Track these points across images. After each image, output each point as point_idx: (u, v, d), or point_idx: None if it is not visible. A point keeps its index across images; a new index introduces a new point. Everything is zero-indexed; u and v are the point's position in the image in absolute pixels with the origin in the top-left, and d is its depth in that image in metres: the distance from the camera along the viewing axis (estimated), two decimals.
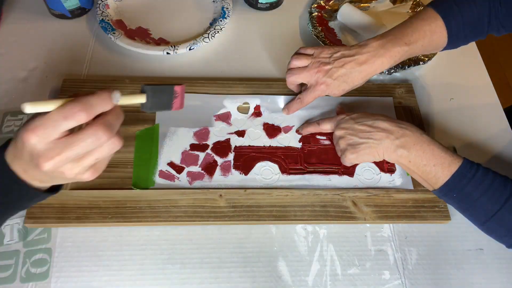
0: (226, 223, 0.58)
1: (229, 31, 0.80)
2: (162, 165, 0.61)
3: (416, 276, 0.56)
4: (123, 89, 0.68)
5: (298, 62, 0.63)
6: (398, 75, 0.76)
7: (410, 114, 0.69)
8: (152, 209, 0.57)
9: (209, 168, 0.62)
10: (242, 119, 0.67)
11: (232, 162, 0.63)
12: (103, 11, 0.78)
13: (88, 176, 0.40)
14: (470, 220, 0.55)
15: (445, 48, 0.64)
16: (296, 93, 0.68)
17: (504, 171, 0.66)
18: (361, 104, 0.70)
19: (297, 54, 0.65)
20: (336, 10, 0.82)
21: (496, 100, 0.74)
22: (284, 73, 0.75)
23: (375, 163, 0.64)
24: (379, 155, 0.56)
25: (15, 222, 0.57)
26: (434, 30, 0.61)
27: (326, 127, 0.62)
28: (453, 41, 0.63)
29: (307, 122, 0.66)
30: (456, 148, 0.68)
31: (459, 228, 0.60)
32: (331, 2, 0.84)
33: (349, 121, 0.59)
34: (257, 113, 0.67)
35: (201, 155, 0.63)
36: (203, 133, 0.65)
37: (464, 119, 0.71)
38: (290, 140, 0.65)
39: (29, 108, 0.35)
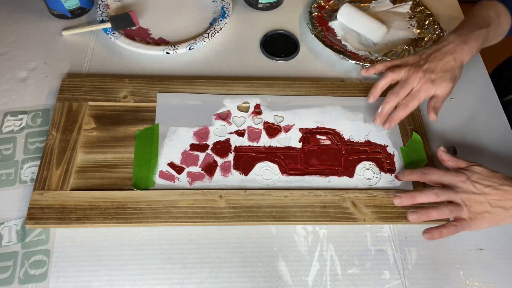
0: (226, 224, 0.58)
1: (229, 31, 0.80)
2: (162, 166, 0.61)
3: (416, 276, 0.56)
4: (122, 89, 0.68)
5: (396, 75, 0.63)
6: None
7: (410, 114, 0.69)
8: (153, 210, 0.57)
9: (209, 168, 0.62)
10: (242, 117, 0.67)
11: (232, 162, 0.63)
12: (103, 11, 0.78)
13: None
14: None
15: (509, 33, 0.68)
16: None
17: (504, 171, 0.66)
18: (361, 104, 0.70)
19: (387, 72, 0.63)
20: (336, 10, 0.82)
21: (496, 100, 0.74)
22: (284, 73, 0.75)
23: (375, 163, 0.64)
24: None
25: (13, 223, 0.57)
26: (499, 12, 0.64)
27: (434, 178, 0.58)
28: None
29: (409, 170, 0.61)
30: (456, 148, 0.68)
31: None
32: (331, 2, 0.84)
33: (469, 183, 0.55)
34: (258, 112, 0.67)
35: (201, 155, 0.63)
36: (203, 133, 0.65)
37: (464, 119, 0.71)
38: (290, 139, 0.65)
39: None
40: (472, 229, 0.55)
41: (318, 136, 0.66)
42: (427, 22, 0.81)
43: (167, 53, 0.73)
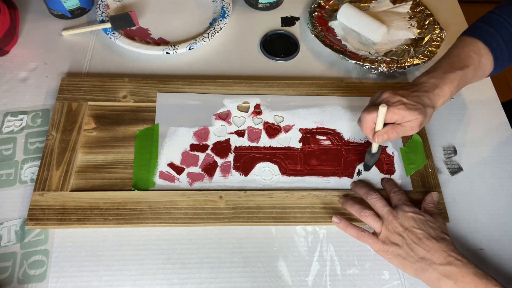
0: (226, 225, 0.58)
1: (229, 30, 0.80)
2: (162, 166, 0.61)
3: (417, 278, 0.56)
4: (122, 89, 0.68)
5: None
6: (398, 75, 0.76)
7: None
8: (153, 211, 0.57)
9: (209, 169, 0.62)
10: (242, 117, 0.67)
11: (232, 162, 0.63)
12: (103, 11, 0.78)
13: None
14: None
15: (492, 72, 0.62)
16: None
17: (504, 171, 0.66)
18: (361, 104, 0.70)
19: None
20: (336, 10, 0.82)
21: (496, 100, 0.74)
22: (284, 73, 0.75)
23: (375, 164, 0.64)
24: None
25: (12, 223, 0.57)
26: (480, 53, 0.59)
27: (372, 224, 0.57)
28: (499, 63, 0.61)
29: (352, 201, 0.59)
30: (456, 147, 0.68)
31: (459, 228, 0.60)
32: (331, 2, 0.84)
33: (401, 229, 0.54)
34: (258, 112, 0.67)
35: (201, 155, 0.63)
36: (203, 133, 0.65)
37: (464, 118, 0.71)
38: (290, 139, 0.65)
39: None
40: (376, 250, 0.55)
41: (318, 137, 0.66)
42: (427, 22, 0.80)
43: (167, 53, 0.73)
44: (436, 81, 0.57)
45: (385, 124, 0.56)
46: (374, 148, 0.60)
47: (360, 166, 0.63)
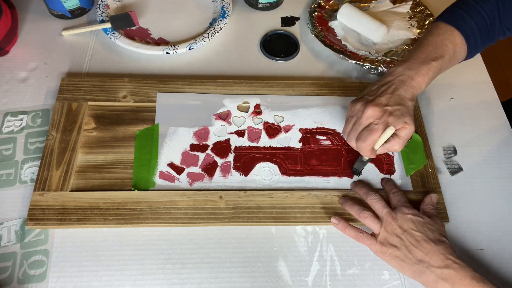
0: (226, 225, 0.58)
1: (229, 31, 0.80)
2: (162, 166, 0.61)
3: (414, 280, 0.56)
4: (122, 88, 0.68)
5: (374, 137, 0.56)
6: None
7: None
8: (153, 211, 0.57)
9: (209, 169, 0.62)
10: (242, 117, 0.67)
11: (232, 162, 0.63)
12: (103, 11, 0.78)
13: None
14: None
15: (464, 59, 0.62)
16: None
17: (504, 171, 0.66)
18: None
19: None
20: (336, 10, 0.82)
21: (496, 100, 0.74)
22: (284, 73, 0.75)
23: (375, 164, 0.64)
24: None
25: (12, 223, 0.57)
26: (455, 42, 0.59)
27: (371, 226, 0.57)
28: (472, 50, 0.61)
29: (351, 202, 0.59)
30: (456, 147, 0.68)
31: (459, 228, 0.60)
32: (331, 2, 0.84)
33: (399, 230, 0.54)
34: (258, 112, 0.67)
35: (201, 155, 0.63)
36: (203, 133, 0.65)
37: (464, 118, 0.71)
38: (290, 140, 0.65)
39: None
40: (375, 251, 0.56)
41: (318, 137, 0.66)
42: (427, 22, 0.80)
43: (167, 53, 0.73)
44: (411, 72, 0.57)
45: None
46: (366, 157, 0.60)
47: (357, 166, 0.63)
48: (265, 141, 0.65)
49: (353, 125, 0.57)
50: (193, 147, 0.63)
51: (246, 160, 0.63)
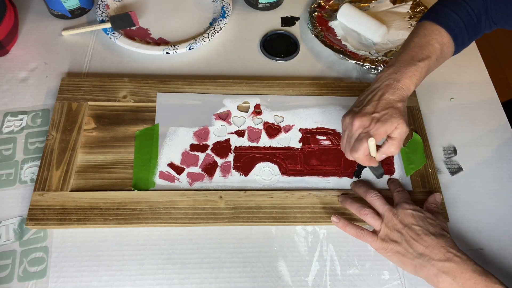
0: (226, 225, 0.58)
1: (229, 31, 0.80)
2: (162, 166, 0.61)
3: (416, 276, 0.56)
4: (122, 88, 0.68)
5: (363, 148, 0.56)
6: None
7: (410, 114, 0.69)
8: (153, 211, 0.57)
9: (209, 169, 0.62)
10: (242, 117, 0.67)
11: (232, 162, 0.63)
12: (103, 11, 0.78)
13: None
14: None
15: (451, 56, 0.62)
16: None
17: (504, 171, 0.66)
18: None
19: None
20: (336, 10, 0.82)
21: (496, 100, 0.74)
22: (284, 73, 0.75)
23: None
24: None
25: (10, 222, 0.57)
26: (442, 42, 0.58)
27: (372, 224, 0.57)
28: (459, 47, 0.61)
29: (351, 200, 0.59)
30: (456, 147, 0.68)
31: (459, 228, 0.60)
32: (331, 2, 0.84)
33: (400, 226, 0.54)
34: (258, 112, 0.67)
35: (201, 155, 0.63)
36: (203, 133, 0.65)
37: (464, 118, 0.71)
38: (290, 140, 0.65)
39: None
40: (376, 248, 0.55)
41: (318, 137, 0.66)
42: None
43: (167, 53, 0.73)
44: (397, 75, 0.56)
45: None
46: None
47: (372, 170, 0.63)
48: (265, 141, 0.65)
49: (346, 139, 0.58)
50: (193, 147, 0.63)
51: (246, 160, 0.63)
